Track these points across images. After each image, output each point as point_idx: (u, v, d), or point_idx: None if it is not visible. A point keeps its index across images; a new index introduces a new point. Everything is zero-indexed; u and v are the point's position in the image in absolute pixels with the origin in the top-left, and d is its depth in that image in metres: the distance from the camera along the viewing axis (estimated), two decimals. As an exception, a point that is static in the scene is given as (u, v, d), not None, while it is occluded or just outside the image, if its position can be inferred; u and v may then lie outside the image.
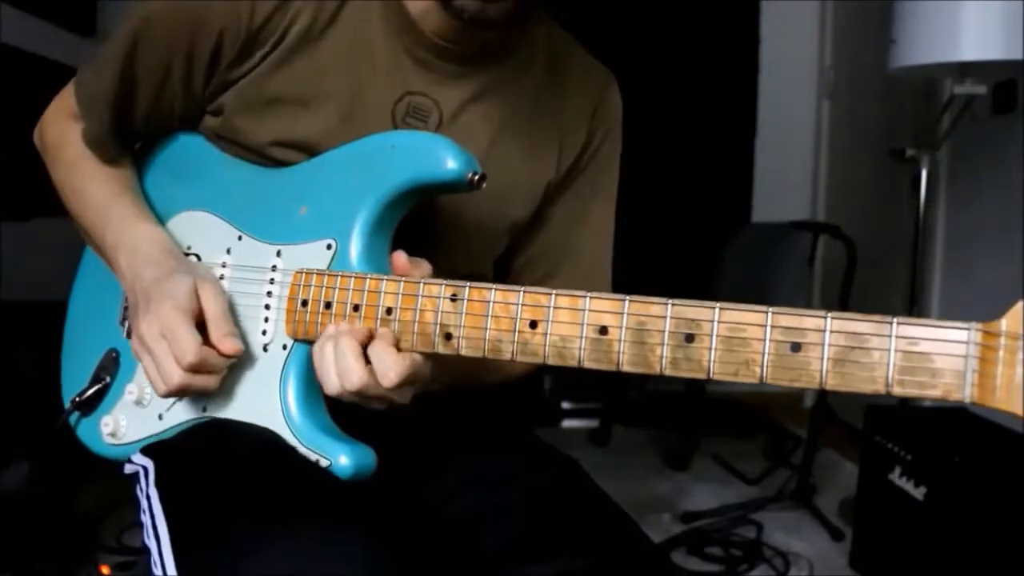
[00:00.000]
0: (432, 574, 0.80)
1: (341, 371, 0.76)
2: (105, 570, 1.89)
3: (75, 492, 2.05)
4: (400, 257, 0.82)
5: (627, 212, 1.11)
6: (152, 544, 0.79)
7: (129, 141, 1.02)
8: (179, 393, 0.85)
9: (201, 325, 0.84)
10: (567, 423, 3.52)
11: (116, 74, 0.94)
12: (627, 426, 3.40)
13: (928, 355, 0.58)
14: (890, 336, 0.59)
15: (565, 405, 3.54)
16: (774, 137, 3.74)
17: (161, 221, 0.98)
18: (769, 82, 3.74)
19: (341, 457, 0.80)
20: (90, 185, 1.00)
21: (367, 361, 0.76)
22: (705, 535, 2.36)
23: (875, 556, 2.12)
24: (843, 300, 2.49)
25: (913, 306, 2.44)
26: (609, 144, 1.05)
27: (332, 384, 0.77)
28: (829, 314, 0.61)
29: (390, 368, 0.75)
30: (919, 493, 1.92)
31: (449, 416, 0.99)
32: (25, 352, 1.12)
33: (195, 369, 0.82)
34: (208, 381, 0.84)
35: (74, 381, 1.04)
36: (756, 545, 2.31)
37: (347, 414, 0.85)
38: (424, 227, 0.89)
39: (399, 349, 0.76)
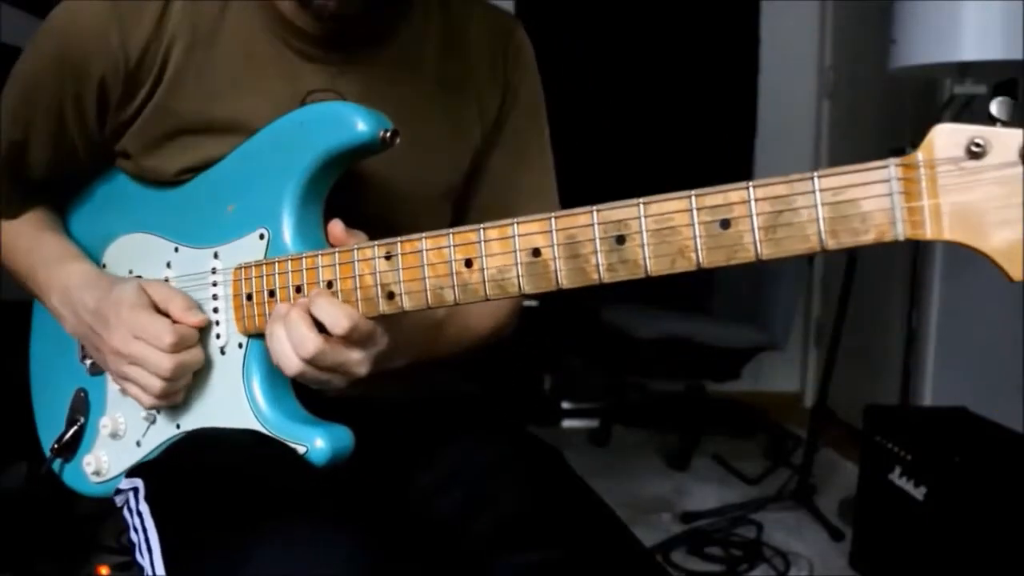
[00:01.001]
0: (420, 566, 0.80)
1: (296, 344, 0.77)
2: (105, 570, 1.89)
3: (74, 494, 2.05)
4: (336, 226, 0.82)
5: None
6: (145, 561, 0.79)
7: (32, 192, 1.02)
8: (174, 383, 0.86)
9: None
10: (567, 423, 3.52)
11: (7, 135, 0.95)
12: (627, 426, 3.40)
13: (854, 201, 0.58)
14: (814, 191, 0.59)
15: (565, 405, 3.54)
16: (774, 137, 3.74)
17: (97, 252, 1.00)
18: (769, 82, 3.74)
19: (317, 440, 0.82)
20: (10, 235, 1.01)
21: (319, 329, 0.77)
22: (705, 535, 2.36)
23: (875, 556, 2.12)
24: (843, 300, 2.49)
25: (913, 306, 2.44)
26: (527, 87, 1.03)
27: (291, 362, 0.78)
28: (750, 184, 0.61)
29: (339, 316, 0.76)
30: (919, 493, 1.92)
31: (431, 408, 0.99)
32: (25, 352, 1.12)
33: (178, 348, 0.84)
34: (195, 354, 0.86)
35: (50, 428, 1.05)
36: (756, 545, 2.31)
37: (330, 411, 0.86)
38: (356, 204, 0.88)
39: None
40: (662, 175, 3.58)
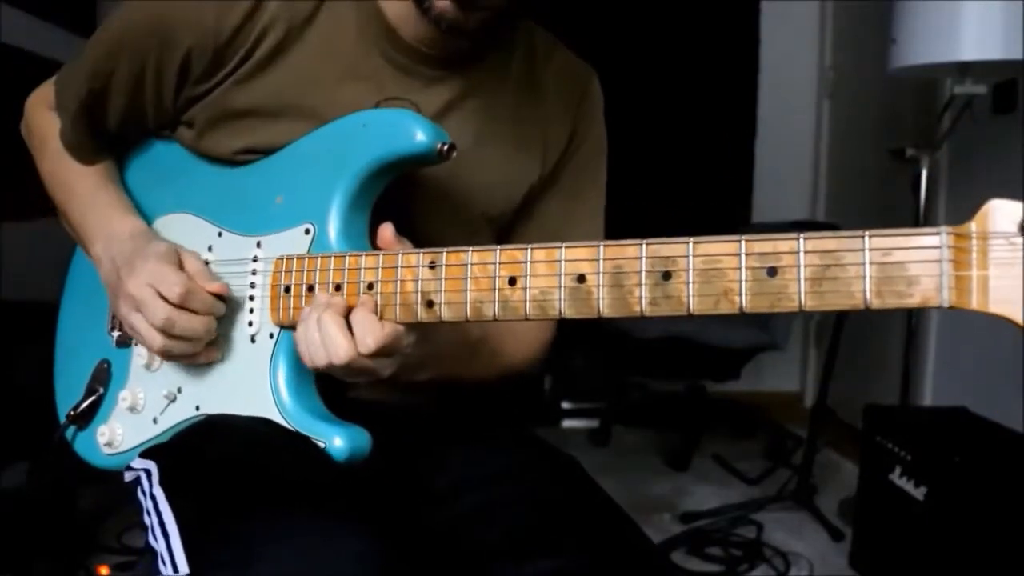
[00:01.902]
0: (433, 571, 0.80)
1: (327, 345, 0.77)
2: (105, 570, 1.89)
3: (75, 492, 2.05)
4: (387, 229, 0.83)
5: (627, 212, 1.11)
6: (160, 544, 0.78)
7: (105, 143, 1.03)
8: (169, 339, 0.86)
9: None
10: (567, 423, 3.52)
11: (89, 82, 0.96)
12: (627, 426, 3.40)
13: (903, 264, 0.58)
14: (863, 250, 0.59)
15: (565, 405, 3.54)
16: (774, 137, 3.73)
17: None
18: (769, 82, 3.74)
19: (336, 439, 0.82)
20: (74, 176, 1.02)
21: (351, 333, 0.77)
22: (705, 535, 2.36)
23: (875, 556, 2.12)
24: (843, 300, 2.49)
25: (913, 306, 2.44)
26: (593, 138, 1.06)
27: (319, 358, 0.78)
28: (802, 235, 0.61)
29: (368, 333, 0.76)
30: (919, 493, 1.92)
31: (449, 413, 1.00)
32: (25, 352, 1.12)
33: (182, 302, 0.85)
34: (194, 322, 0.86)
35: (68, 396, 1.05)
36: (756, 545, 2.31)
37: (346, 413, 0.86)
38: (406, 214, 0.89)
39: (381, 319, 0.78)
40: (662, 175, 3.59)
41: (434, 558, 0.82)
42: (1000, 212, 0.57)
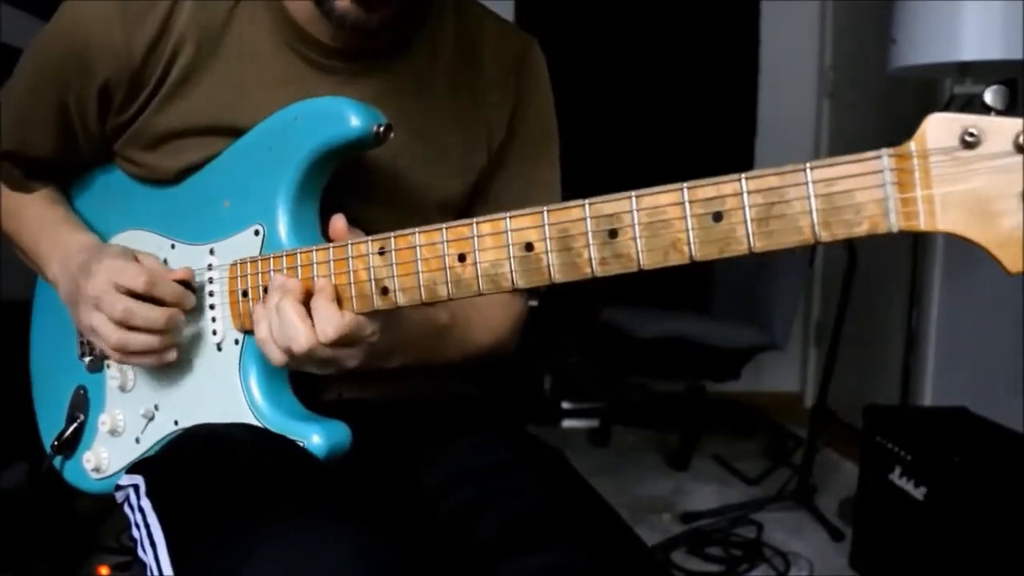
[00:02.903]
0: (425, 568, 0.80)
1: (286, 332, 0.76)
2: (104, 570, 1.89)
3: (75, 492, 2.05)
4: (339, 221, 0.81)
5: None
6: (148, 556, 0.78)
7: (43, 173, 1.03)
8: (125, 332, 0.85)
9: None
10: (567, 423, 3.52)
11: (12, 126, 0.97)
12: (627, 426, 3.40)
13: (848, 192, 0.57)
14: (807, 183, 0.58)
15: (565, 405, 3.54)
16: (774, 137, 3.73)
17: None
18: (769, 82, 3.74)
19: (314, 437, 0.82)
20: (19, 204, 1.02)
21: (312, 321, 0.77)
22: (705, 535, 2.36)
23: (875, 556, 2.12)
24: (843, 300, 2.49)
25: (913, 306, 2.44)
26: (537, 109, 1.03)
27: (280, 343, 0.77)
28: (743, 176, 0.60)
29: (328, 323, 0.76)
30: (919, 493, 1.92)
31: (435, 410, 0.99)
32: (25, 352, 1.12)
33: (148, 290, 0.84)
34: (155, 312, 0.85)
35: (50, 425, 1.06)
36: (756, 545, 2.31)
37: (332, 411, 0.86)
38: (360, 211, 0.87)
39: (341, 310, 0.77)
40: (662, 175, 3.59)
41: (425, 555, 0.82)
42: (939, 127, 0.56)
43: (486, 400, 1.04)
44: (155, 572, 0.77)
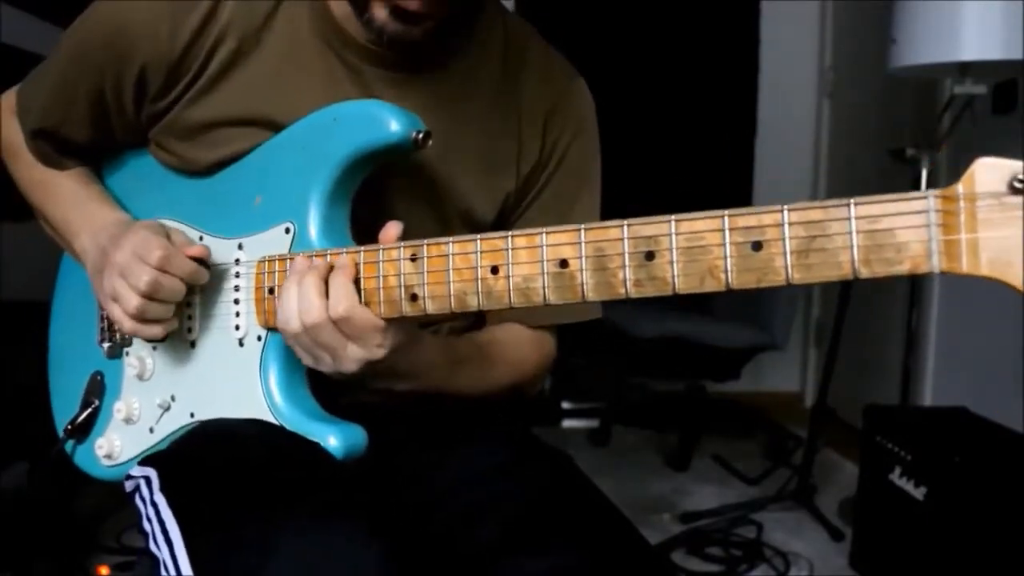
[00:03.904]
0: (432, 569, 0.80)
1: (303, 308, 0.77)
2: (104, 570, 1.89)
3: (75, 492, 2.05)
4: (393, 228, 0.81)
5: (627, 213, 1.10)
6: (163, 551, 0.78)
7: (76, 153, 1.03)
8: (146, 303, 0.86)
9: None
10: (567, 423, 3.52)
11: (50, 106, 0.97)
12: (627, 426, 3.40)
13: (891, 231, 0.57)
14: (849, 218, 0.58)
15: (565, 405, 3.54)
16: (774, 137, 3.74)
17: None
18: (769, 82, 3.74)
19: (330, 439, 0.82)
20: (53, 178, 1.02)
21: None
22: (705, 535, 2.36)
23: (875, 556, 2.12)
24: (843, 300, 2.49)
25: (913, 306, 2.44)
26: (577, 148, 1.02)
27: (292, 323, 0.78)
28: (786, 207, 0.60)
29: (341, 298, 0.76)
30: (919, 493, 1.92)
31: (444, 414, 0.99)
32: (25, 352, 1.12)
33: (163, 265, 0.85)
34: (174, 283, 0.86)
35: (64, 409, 1.06)
36: (756, 545, 2.31)
37: (342, 414, 0.86)
38: (382, 217, 0.87)
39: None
40: (663, 175, 3.59)
41: (434, 557, 0.82)
42: (988, 171, 0.55)
43: (491, 404, 1.04)
44: (170, 567, 0.77)
